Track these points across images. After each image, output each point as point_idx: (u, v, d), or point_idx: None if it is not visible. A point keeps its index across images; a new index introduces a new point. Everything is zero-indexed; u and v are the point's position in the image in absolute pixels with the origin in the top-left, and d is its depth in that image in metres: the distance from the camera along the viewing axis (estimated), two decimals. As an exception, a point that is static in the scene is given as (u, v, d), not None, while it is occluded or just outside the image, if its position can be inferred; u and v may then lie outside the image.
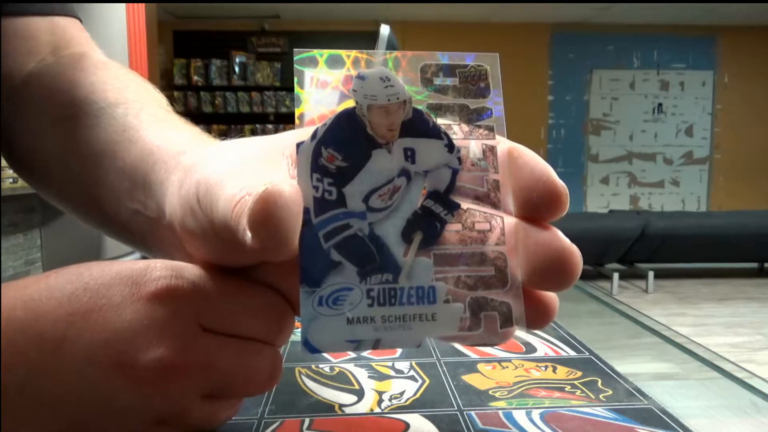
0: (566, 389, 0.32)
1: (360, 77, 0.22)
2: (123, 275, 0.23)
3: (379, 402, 0.31)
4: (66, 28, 0.42)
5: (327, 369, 0.35)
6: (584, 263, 0.23)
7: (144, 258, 0.28)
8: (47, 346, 0.22)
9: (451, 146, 0.22)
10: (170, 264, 0.24)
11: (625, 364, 0.36)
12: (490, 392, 0.32)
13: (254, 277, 0.25)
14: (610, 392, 0.32)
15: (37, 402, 0.22)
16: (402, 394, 0.32)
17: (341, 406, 0.30)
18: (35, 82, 0.40)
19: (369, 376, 0.34)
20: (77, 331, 0.22)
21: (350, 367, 0.36)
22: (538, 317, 0.23)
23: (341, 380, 0.34)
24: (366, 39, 5.32)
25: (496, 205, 0.22)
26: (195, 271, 0.24)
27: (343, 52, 0.23)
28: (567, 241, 0.22)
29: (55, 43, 0.41)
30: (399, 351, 0.38)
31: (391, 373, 0.35)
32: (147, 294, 0.23)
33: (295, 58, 0.22)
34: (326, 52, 0.23)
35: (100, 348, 0.22)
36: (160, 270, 0.24)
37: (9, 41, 0.40)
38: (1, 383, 0.21)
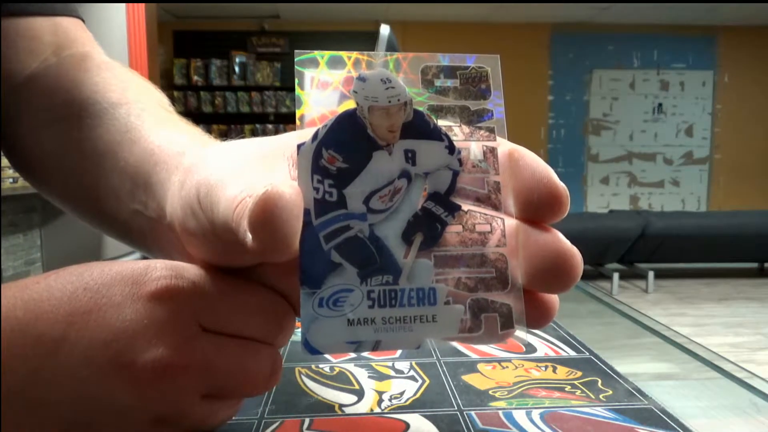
0: (566, 389, 0.32)
1: (361, 78, 0.22)
2: (123, 275, 0.23)
3: (379, 402, 0.31)
4: (69, 28, 0.42)
5: (327, 369, 0.35)
6: (584, 263, 0.23)
7: (144, 258, 0.28)
8: (46, 347, 0.22)
9: (451, 148, 0.22)
10: (170, 264, 0.24)
11: (625, 364, 0.36)
12: (490, 392, 0.32)
13: (255, 278, 0.25)
14: (610, 392, 0.32)
15: (35, 403, 0.22)
16: (402, 394, 0.32)
17: (341, 406, 0.30)
18: (37, 81, 0.40)
19: (369, 376, 0.34)
20: (77, 331, 0.22)
21: (350, 367, 0.36)
22: (538, 317, 0.23)
23: (341, 380, 0.34)
24: (366, 39, 5.32)
25: (496, 207, 0.22)
26: (195, 271, 0.24)
27: (344, 53, 0.23)
28: (567, 243, 0.22)
29: (57, 44, 0.41)
30: (399, 351, 0.38)
31: (391, 373, 0.35)
32: (147, 294, 0.23)
33: (295, 60, 0.22)
34: (327, 53, 0.23)
35: (100, 348, 0.22)
36: (160, 270, 0.24)
37: (11, 41, 0.40)
38: (0, 385, 0.21)
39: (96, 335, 0.22)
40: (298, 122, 0.23)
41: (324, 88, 0.22)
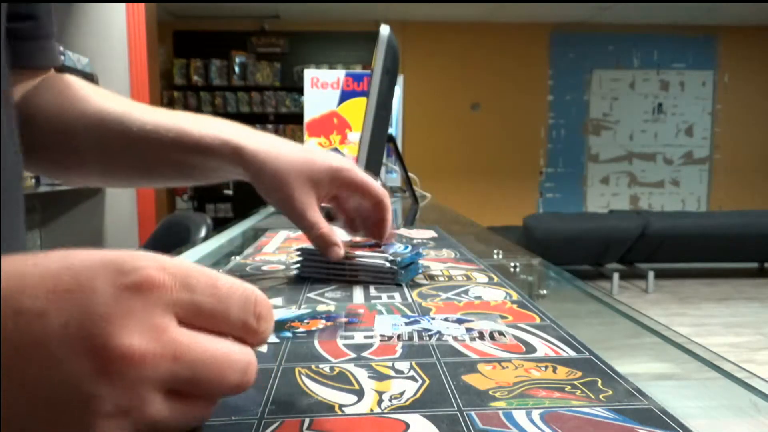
0: (566, 389, 0.32)
1: None
2: (107, 261, 0.24)
3: (379, 402, 0.31)
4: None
5: (327, 369, 0.35)
6: (584, 263, 0.23)
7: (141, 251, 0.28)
8: (26, 320, 0.22)
9: None
10: (156, 256, 0.25)
11: (625, 364, 0.36)
12: (490, 392, 0.32)
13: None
14: (610, 392, 0.32)
15: (12, 379, 0.22)
16: (402, 394, 0.32)
17: (341, 406, 0.30)
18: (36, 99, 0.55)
19: (369, 376, 0.34)
20: (56, 308, 0.22)
21: (350, 367, 0.36)
22: None
23: (341, 380, 0.34)
24: (366, 39, 5.31)
25: None
26: (179, 264, 0.25)
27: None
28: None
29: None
30: (399, 351, 0.38)
31: (391, 373, 0.35)
32: (128, 282, 0.23)
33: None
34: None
35: (75, 328, 0.22)
36: (145, 260, 0.24)
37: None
38: None
39: (74, 314, 0.22)
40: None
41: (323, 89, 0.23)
